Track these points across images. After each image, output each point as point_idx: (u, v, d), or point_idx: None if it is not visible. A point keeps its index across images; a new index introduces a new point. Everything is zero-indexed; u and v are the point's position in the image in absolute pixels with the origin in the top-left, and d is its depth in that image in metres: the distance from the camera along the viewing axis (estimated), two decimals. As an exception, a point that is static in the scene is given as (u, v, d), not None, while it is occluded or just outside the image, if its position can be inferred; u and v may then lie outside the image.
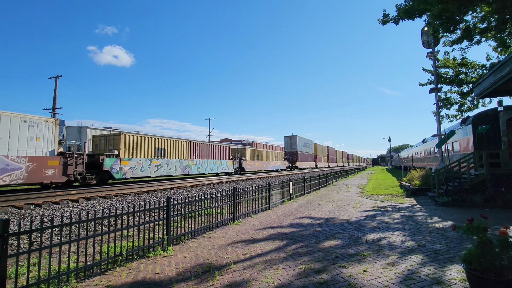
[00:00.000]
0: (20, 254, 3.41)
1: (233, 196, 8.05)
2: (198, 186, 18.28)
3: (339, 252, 5.14)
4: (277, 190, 11.24)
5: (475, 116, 13.59)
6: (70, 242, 3.97)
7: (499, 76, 8.01)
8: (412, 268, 4.33)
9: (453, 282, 3.78)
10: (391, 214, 9.02)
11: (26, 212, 9.31)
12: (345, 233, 6.55)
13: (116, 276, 4.21)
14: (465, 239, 5.83)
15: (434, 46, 16.30)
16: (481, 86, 9.58)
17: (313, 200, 12.51)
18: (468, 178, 11.28)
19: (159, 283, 3.93)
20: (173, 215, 5.90)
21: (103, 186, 15.79)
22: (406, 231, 6.67)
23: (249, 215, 8.80)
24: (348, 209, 10.10)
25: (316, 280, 3.92)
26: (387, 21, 11.99)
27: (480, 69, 17.53)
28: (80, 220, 4.17)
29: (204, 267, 4.53)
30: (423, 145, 30.00)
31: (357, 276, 4.05)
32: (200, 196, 7.02)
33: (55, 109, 31.90)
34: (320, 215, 8.89)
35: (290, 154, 49.04)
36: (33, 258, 4.97)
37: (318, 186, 17.73)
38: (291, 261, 4.73)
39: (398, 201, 11.92)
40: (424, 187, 14.61)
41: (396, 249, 5.31)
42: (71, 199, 11.45)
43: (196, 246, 5.68)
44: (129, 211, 4.98)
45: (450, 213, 9.00)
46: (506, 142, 11.67)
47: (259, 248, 5.47)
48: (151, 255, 5.13)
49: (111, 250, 4.68)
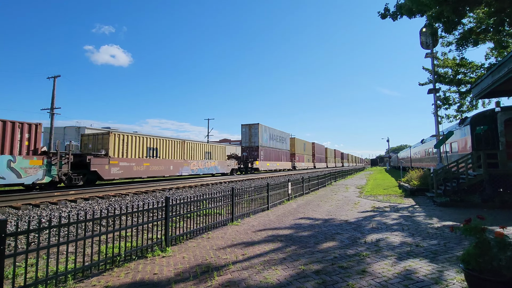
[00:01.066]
0: (17, 255, 3.40)
1: (232, 197, 8.05)
2: (197, 187, 18.26)
3: (338, 253, 5.14)
4: (276, 190, 11.24)
5: (473, 117, 13.63)
6: (68, 243, 3.96)
7: (497, 77, 8.04)
8: (410, 268, 4.33)
9: (451, 282, 3.79)
10: (389, 214, 9.04)
11: (23, 212, 9.27)
12: (344, 234, 6.56)
13: (114, 276, 4.19)
14: (463, 239, 5.85)
15: (432, 47, 16.35)
16: (479, 87, 9.62)
17: (312, 201, 12.51)
18: (466, 178, 11.31)
19: (157, 284, 3.92)
20: (171, 215, 5.89)
21: (102, 187, 15.74)
22: (404, 232, 6.68)
23: (248, 215, 8.80)
24: (347, 209, 10.11)
25: (315, 281, 3.92)
26: (386, 15, 12.10)
27: (478, 69, 17.60)
28: (78, 221, 4.16)
29: (202, 267, 4.52)
30: (421, 145, 30.09)
31: (356, 276, 4.05)
32: (199, 197, 7.01)
33: (53, 109, 31.78)
34: (319, 216, 8.89)
35: (248, 150, 35.54)
36: (30, 258, 4.94)
37: (317, 187, 17.77)
38: (290, 261, 4.73)
39: (397, 202, 11.94)
40: (423, 188, 14.64)
41: (395, 249, 5.32)
42: (69, 199, 11.41)
43: (195, 247, 5.67)
44: (128, 212, 4.97)
45: (448, 213, 9.03)
46: (504, 143, 11.72)
47: (257, 249, 5.46)
48: (150, 255, 5.12)
49: (109, 251, 4.67)
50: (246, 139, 36.38)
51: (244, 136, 36.53)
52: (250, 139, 36.04)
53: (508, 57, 7.33)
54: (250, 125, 36.20)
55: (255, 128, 36.06)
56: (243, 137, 36.61)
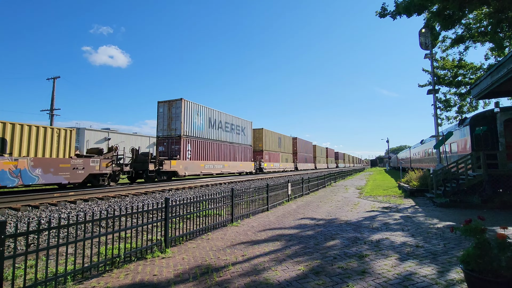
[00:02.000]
0: (17, 256, 3.39)
1: (231, 198, 8.04)
2: (197, 187, 18.24)
3: (338, 253, 5.14)
4: (276, 191, 11.24)
5: (472, 117, 13.65)
6: (67, 244, 3.95)
7: (496, 77, 8.05)
8: (410, 269, 4.33)
9: (451, 283, 3.78)
10: (389, 215, 9.04)
11: (23, 214, 9.25)
12: (344, 234, 6.55)
13: (114, 278, 4.19)
14: (463, 239, 5.85)
15: (431, 47, 16.38)
16: (478, 87, 9.63)
17: (312, 201, 12.51)
18: (466, 179, 11.31)
19: (157, 285, 3.91)
20: (171, 216, 5.88)
21: (102, 188, 15.71)
22: (404, 232, 6.67)
23: (247, 216, 8.79)
24: (346, 210, 10.10)
25: (315, 282, 3.91)
26: (385, 14, 12.13)
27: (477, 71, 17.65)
28: (77, 222, 4.15)
29: (202, 268, 4.51)
30: (421, 146, 30.12)
31: (356, 277, 4.05)
32: (199, 198, 7.01)
33: (53, 110, 31.78)
34: (319, 216, 8.89)
35: (167, 142, 21.97)
36: (30, 260, 4.93)
37: (317, 187, 17.78)
38: (290, 262, 4.73)
39: (397, 202, 11.94)
40: (422, 188, 14.65)
41: (395, 249, 5.31)
42: (69, 200, 11.40)
43: (195, 248, 5.66)
44: (127, 213, 4.96)
45: (448, 214, 9.03)
46: (503, 143, 11.74)
47: (257, 250, 5.46)
48: (149, 256, 5.11)
49: (109, 252, 4.66)
50: (164, 125, 22.33)
51: (162, 121, 22.50)
52: (170, 124, 22.11)
53: (507, 58, 7.34)
54: (170, 102, 22.23)
55: (176, 107, 21.91)
56: (159, 122, 22.59)
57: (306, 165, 52.48)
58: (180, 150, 21.53)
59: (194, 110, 23.70)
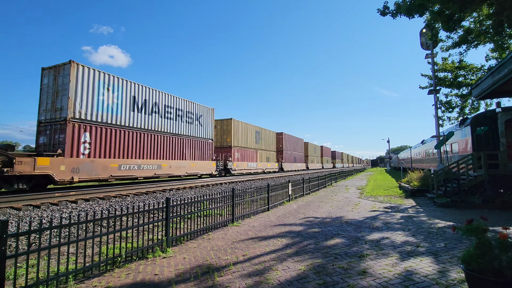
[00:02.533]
0: (18, 255, 3.40)
1: (232, 197, 8.05)
2: (198, 187, 18.26)
3: (339, 253, 5.14)
4: (277, 191, 11.24)
5: (473, 118, 13.64)
6: (69, 243, 3.96)
7: (497, 77, 8.05)
8: (411, 268, 4.33)
9: (452, 283, 3.78)
10: (390, 215, 9.03)
11: (24, 213, 9.27)
12: (344, 234, 6.55)
13: (115, 277, 4.20)
14: (463, 239, 5.85)
15: (432, 47, 16.37)
16: (479, 87, 9.62)
17: (312, 201, 12.51)
18: (467, 179, 11.30)
19: (158, 285, 3.92)
20: (172, 216, 5.90)
21: (101, 188, 15.74)
22: (405, 232, 6.67)
23: (248, 216, 8.80)
24: (347, 210, 10.10)
25: (316, 282, 3.92)
26: (386, 13, 12.12)
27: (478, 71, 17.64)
28: (79, 221, 4.16)
29: (203, 268, 4.52)
30: (422, 146, 30.09)
31: (356, 277, 4.05)
32: (199, 197, 7.02)
33: (54, 110, 31.66)
34: (320, 216, 8.89)
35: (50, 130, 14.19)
36: (31, 259, 4.95)
37: (317, 188, 17.79)
38: (290, 262, 4.73)
39: (397, 202, 11.93)
40: (423, 188, 14.64)
41: (396, 249, 5.32)
42: (70, 200, 11.42)
43: (196, 247, 5.67)
44: (128, 212, 4.97)
45: (449, 214, 9.02)
46: (504, 143, 11.72)
47: (258, 249, 5.46)
48: (150, 256, 5.12)
49: (110, 251, 4.67)
50: (48, 104, 14.73)
51: (46, 98, 14.87)
52: (55, 102, 14.46)
53: (508, 58, 7.34)
54: (57, 68, 14.57)
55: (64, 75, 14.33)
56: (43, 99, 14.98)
57: (295, 165, 45.61)
58: (66, 141, 13.78)
59: (101, 82, 15.79)
